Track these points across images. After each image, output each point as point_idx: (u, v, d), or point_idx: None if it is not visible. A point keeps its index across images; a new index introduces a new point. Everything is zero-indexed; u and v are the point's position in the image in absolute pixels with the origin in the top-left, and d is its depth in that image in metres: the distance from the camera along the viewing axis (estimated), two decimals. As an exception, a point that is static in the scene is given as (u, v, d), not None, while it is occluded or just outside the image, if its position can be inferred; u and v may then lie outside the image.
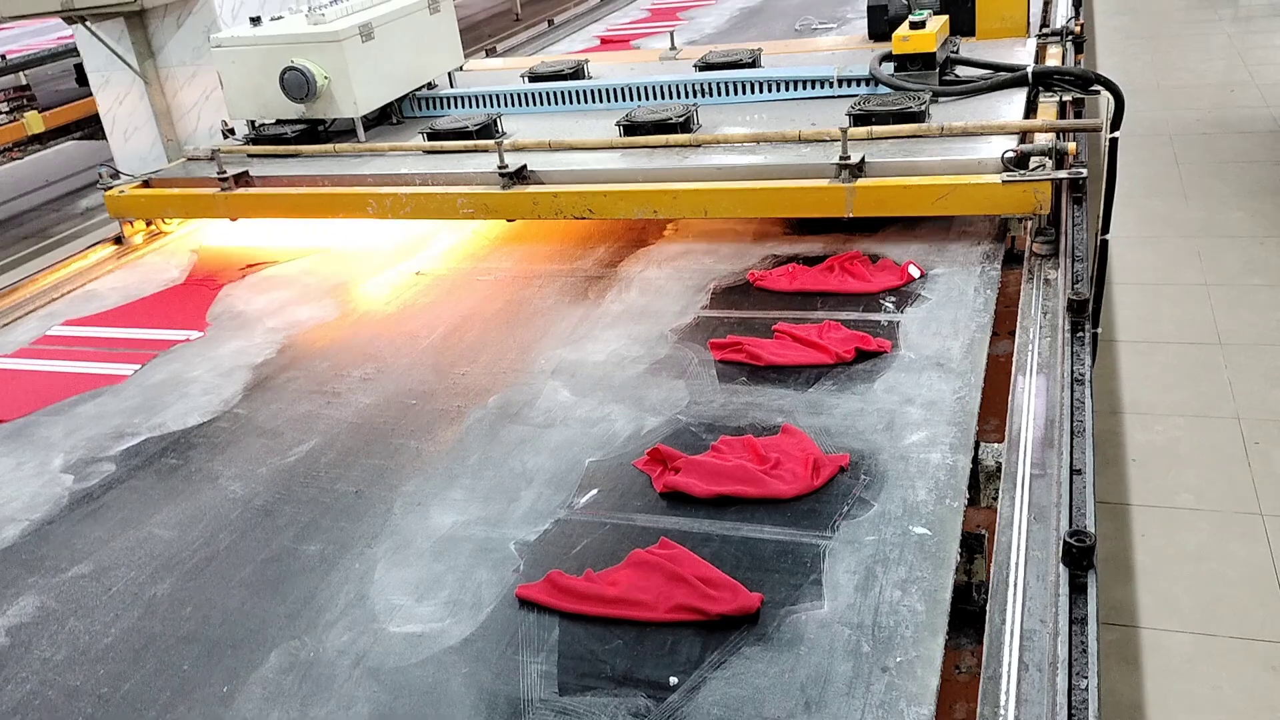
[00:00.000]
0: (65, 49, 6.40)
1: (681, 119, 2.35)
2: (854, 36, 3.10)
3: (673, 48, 3.04)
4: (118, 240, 2.65)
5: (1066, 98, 2.35)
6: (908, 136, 2.16)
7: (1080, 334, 1.62)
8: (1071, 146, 2.00)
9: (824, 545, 1.26)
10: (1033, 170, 1.96)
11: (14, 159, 6.56)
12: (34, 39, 6.89)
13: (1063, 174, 1.94)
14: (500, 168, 2.25)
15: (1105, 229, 2.31)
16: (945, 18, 2.54)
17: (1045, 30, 2.91)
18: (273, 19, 2.68)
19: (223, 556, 1.39)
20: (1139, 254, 4.38)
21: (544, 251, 2.32)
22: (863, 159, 2.06)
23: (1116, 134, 2.21)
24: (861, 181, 2.05)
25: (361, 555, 1.35)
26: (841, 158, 2.05)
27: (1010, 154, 1.97)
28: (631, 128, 2.37)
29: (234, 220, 2.57)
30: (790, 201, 2.13)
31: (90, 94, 5.44)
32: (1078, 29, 2.89)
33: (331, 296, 2.19)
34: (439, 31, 2.80)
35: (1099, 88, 2.28)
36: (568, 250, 2.30)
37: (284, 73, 2.48)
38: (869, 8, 2.85)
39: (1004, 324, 1.78)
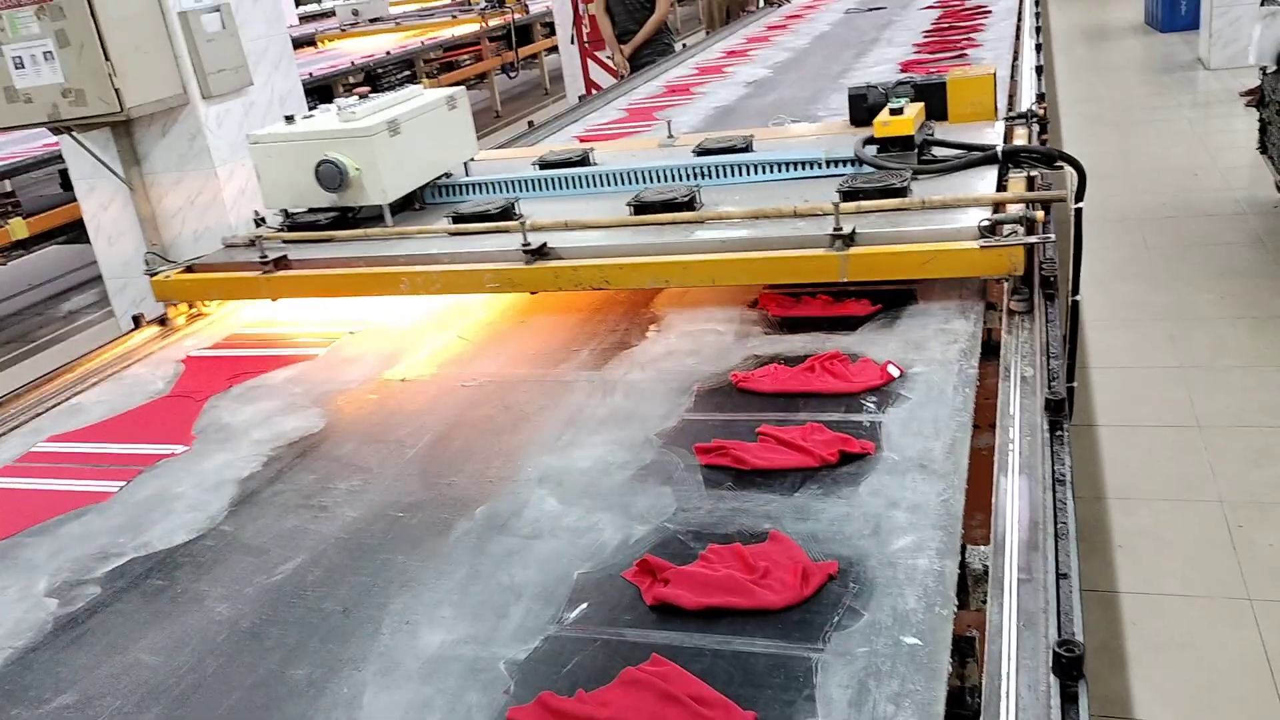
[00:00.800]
0: (50, 156, 6.48)
1: (686, 198, 2.59)
2: (835, 124, 3.31)
3: (670, 135, 3.25)
4: (162, 322, 2.87)
5: (1034, 173, 2.54)
6: (893, 210, 2.36)
7: (1060, 433, 1.65)
8: (1040, 215, 2.18)
9: (816, 658, 1.26)
10: (1006, 236, 2.15)
11: (-3, 265, 6.59)
12: (19, 146, 6.98)
13: (1034, 239, 2.14)
14: (524, 245, 2.47)
15: (1075, 290, 2.52)
16: (921, 104, 2.78)
17: (1011, 114, 3.11)
18: (304, 116, 2.91)
19: (209, 683, 1.37)
20: (1113, 337, 4.45)
21: (527, 355, 2.34)
22: (853, 230, 2.27)
23: (1080, 204, 2.42)
24: (854, 250, 2.25)
25: (350, 679, 1.34)
26: (835, 229, 2.25)
27: (986, 223, 2.17)
28: (641, 207, 2.61)
29: (275, 300, 2.79)
30: (789, 269, 2.32)
31: (74, 199, 5.50)
32: (1041, 112, 3.09)
33: (317, 406, 2.20)
34: (456, 125, 3.08)
35: (1062, 164, 2.49)
36: (552, 354, 2.33)
37: (319, 165, 2.71)
38: (850, 96, 3.07)
39: (983, 416, 1.80)
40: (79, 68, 4.44)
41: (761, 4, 8.92)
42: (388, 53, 10.22)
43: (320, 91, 8.88)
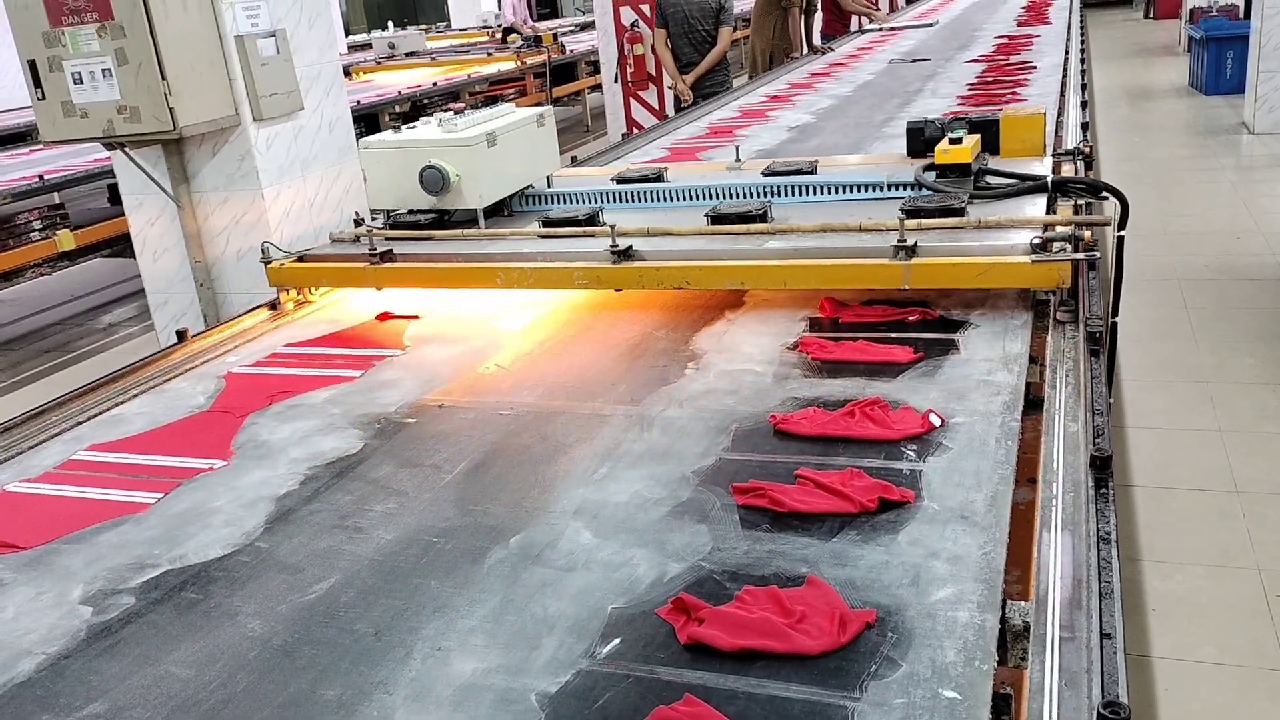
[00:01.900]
0: (101, 170, 6.61)
1: (760, 211, 2.83)
2: (893, 155, 3.51)
3: (738, 160, 3.46)
4: (273, 306, 3.15)
5: (1080, 201, 2.70)
6: (951, 228, 2.56)
7: (1105, 490, 1.62)
8: (1087, 234, 2.39)
9: (852, 707, 1.24)
10: (1056, 253, 2.35)
11: (43, 274, 6.71)
12: (71, 160, 7.13)
13: (1080, 255, 2.34)
14: (612, 247, 2.71)
15: (1115, 313, 2.74)
16: (977, 136, 2.95)
17: (1059, 150, 3.31)
18: (409, 127, 3.19)
19: (240, 699, 1.37)
20: (1152, 397, 4.40)
21: (567, 387, 2.35)
22: (915, 243, 2.46)
23: (1123, 232, 2.63)
24: (915, 260, 2.45)
25: (380, 703, 1.33)
26: (899, 241, 2.45)
27: (1037, 240, 2.38)
28: (718, 218, 2.84)
29: (379, 289, 3.06)
30: (855, 275, 2.54)
31: (121, 213, 5.60)
32: (1087, 150, 3.26)
33: (356, 428, 2.21)
34: (543, 141, 3.35)
35: (1107, 194, 2.68)
36: (589, 387, 2.33)
37: (424, 170, 2.97)
38: (908, 130, 3.25)
39: (1025, 470, 1.78)
40: (136, 85, 4.54)
41: (805, 51, 8.99)
42: (434, 84, 10.37)
43: (366, 119, 9.02)
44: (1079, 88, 4.98)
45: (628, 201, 3.26)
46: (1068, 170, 3.05)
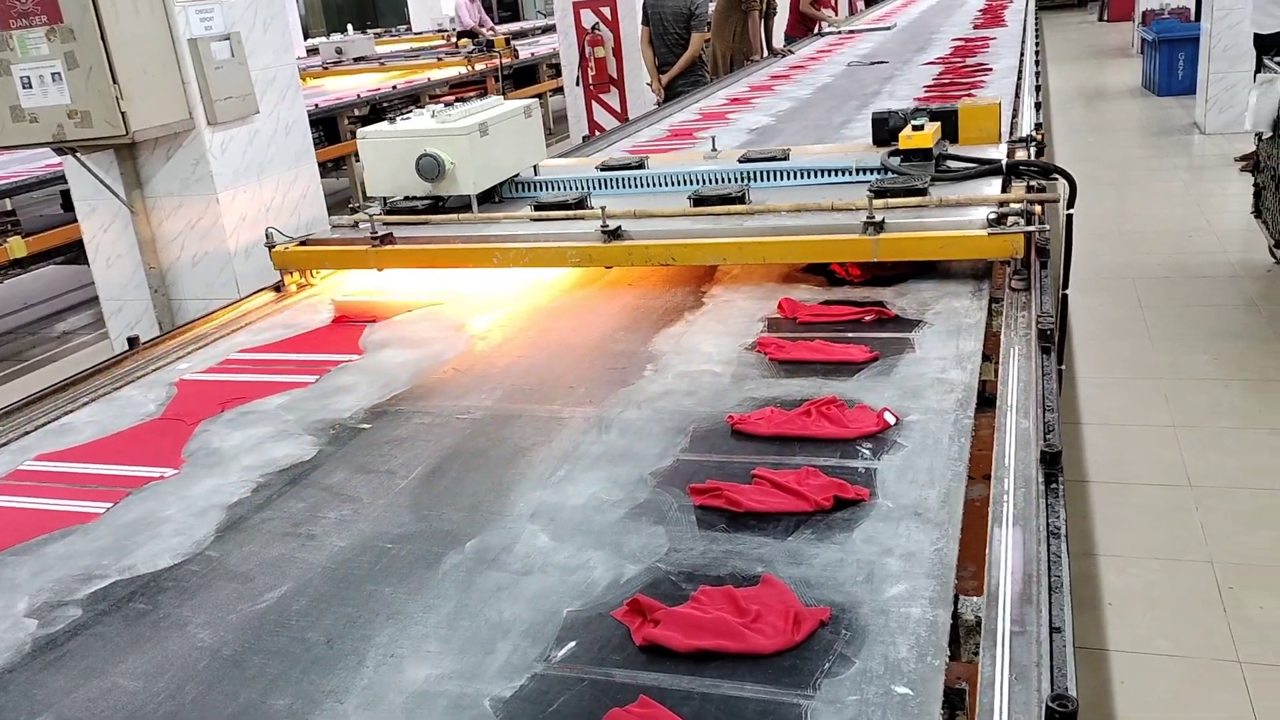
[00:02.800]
0: (53, 176, 6.50)
1: (738, 194, 3.04)
2: (859, 144, 3.70)
3: (714, 150, 3.63)
4: (277, 288, 3.29)
5: (1032, 183, 2.87)
6: (915, 206, 2.78)
7: (1055, 485, 1.64)
8: (1038, 210, 2.61)
9: (806, 705, 1.24)
10: (1010, 226, 2.58)
11: (-7, 282, 6.58)
12: (21, 165, 7.01)
13: (1032, 228, 2.56)
14: (602, 227, 2.90)
15: (1065, 285, 2.98)
16: (938, 124, 3.17)
17: (1013, 138, 3.51)
18: (403, 118, 3.34)
19: (188, 710, 1.35)
20: (1107, 395, 4.46)
21: (525, 390, 2.33)
22: (883, 219, 2.68)
23: (1071, 210, 2.86)
24: (883, 235, 2.67)
25: (332, 712, 1.31)
26: (868, 218, 2.68)
27: (993, 215, 2.62)
28: (699, 200, 3.06)
29: (380, 270, 3.23)
30: (829, 250, 2.78)
31: (74, 219, 5.51)
32: (1039, 137, 3.54)
33: (309, 434, 2.19)
34: (531, 132, 3.52)
35: (1057, 175, 2.88)
36: (548, 390, 2.32)
37: (420, 158, 3.13)
38: (874, 119, 3.42)
39: (978, 467, 1.80)
40: (86, 90, 4.47)
41: (765, 54, 9.03)
42: (394, 87, 10.31)
43: (325, 123, 8.95)
44: (1034, 89, 5.04)
45: (612, 188, 3.44)
46: (1021, 155, 3.24)
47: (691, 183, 3.29)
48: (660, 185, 3.40)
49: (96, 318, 6.43)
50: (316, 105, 8.78)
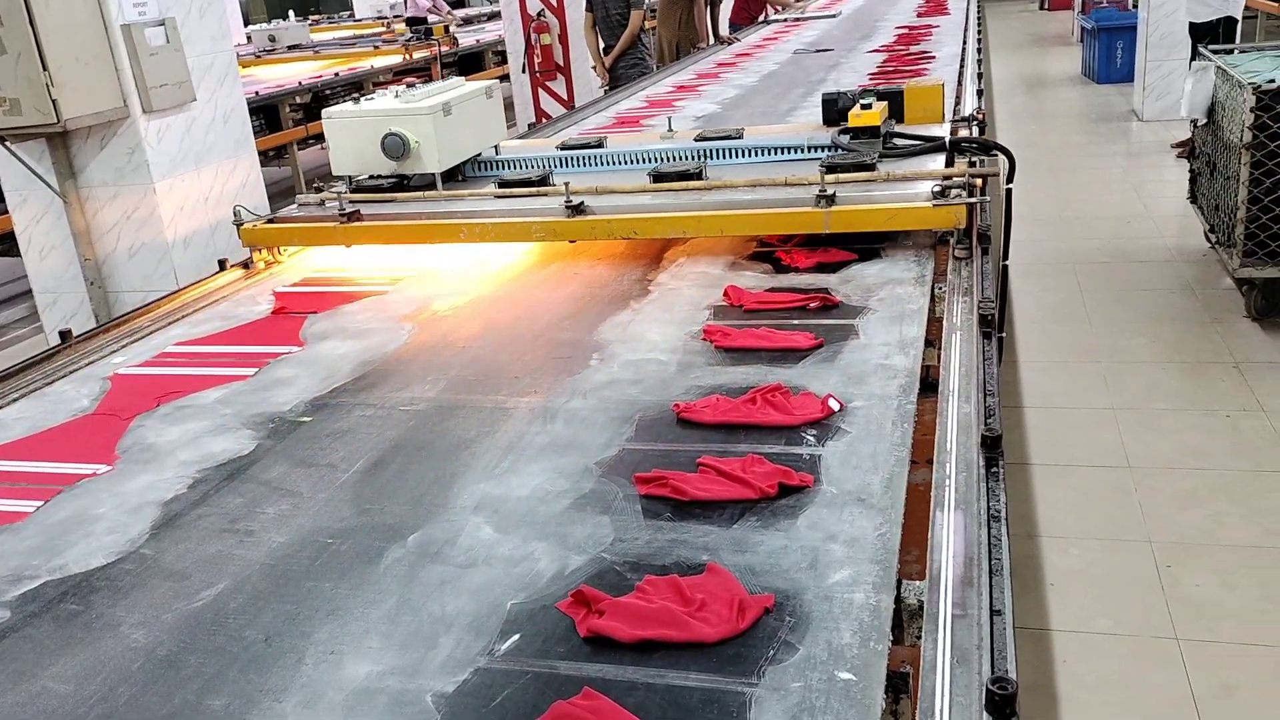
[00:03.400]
0: (-18, 166, 6.29)
1: (696, 170, 3.16)
2: (810, 124, 3.77)
3: (670, 130, 3.69)
4: (245, 265, 3.34)
5: (973, 159, 2.99)
6: (864, 180, 2.93)
7: (995, 469, 1.66)
8: (979, 183, 2.78)
9: (750, 693, 1.24)
10: (953, 198, 2.71)
11: (-79, 275, 6.38)
12: (-50, 155, 6.77)
13: (974, 199, 2.71)
14: (566, 203, 3.00)
15: (1005, 256, 3.11)
16: (885, 103, 3.32)
17: (956, 117, 3.71)
18: (367, 99, 3.46)
19: (121, 713, 1.31)
20: (1048, 378, 4.53)
21: (469, 381, 2.31)
22: (834, 193, 2.81)
23: (1010, 185, 3.06)
24: (834, 208, 2.79)
25: (270, 711, 1.29)
26: (820, 192, 2.81)
27: (937, 188, 2.76)
28: (659, 176, 3.17)
29: (348, 246, 3.30)
30: (783, 222, 2.90)
31: (5, 211, 5.36)
32: (980, 115, 3.73)
33: (248, 428, 2.14)
34: (492, 112, 3.62)
35: (997, 151, 3.04)
36: (492, 380, 2.30)
37: (385, 137, 3.22)
38: (823, 100, 3.53)
39: (921, 451, 1.81)
40: (15, 77, 4.34)
41: (712, 41, 9.03)
42: (336, 74, 10.15)
43: (266, 111, 8.78)
44: (975, 76, 5.09)
45: (572, 166, 3.52)
46: (963, 133, 3.35)
47: (649, 161, 3.40)
48: (619, 164, 3.48)
49: (31, 311, 6.26)
50: (257, 93, 8.61)
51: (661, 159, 3.40)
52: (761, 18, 10.51)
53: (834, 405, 1.98)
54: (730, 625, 1.36)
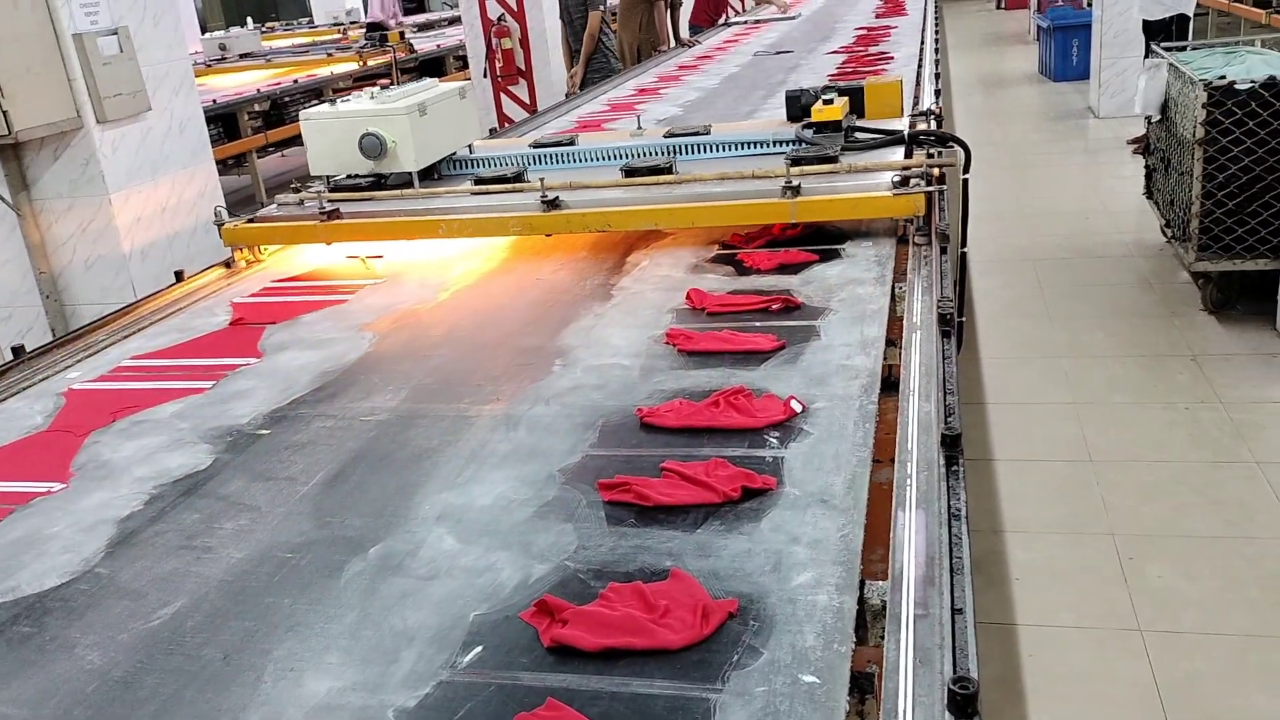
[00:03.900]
0: (-68, 179, 6.17)
1: (667, 165, 3.29)
2: (774, 120, 3.91)
3: (639, 128, 3.84)
4: (227, 264, 3.41)
5: (932, 150, 3.16)
6: (828, 172, 3.04)
7: (956, 468, 1.67)
8: (936, 172, 2.89)
9: (714, 699, 1.23)
10: (912, 187, 2.84)
11: None
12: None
13: (932, 188, 2.84)
14: (542, 198, 3.11)
15: (964, 243, 3.29)
16: (846, 99, 3.46)
17: (915, 111, 3.86)
18: (343, 101, 3.49)
19: (75, 737, 1.29)
20: (1010, 374, 4.57)
21: (430, 390, 2.29)
22: (799, 184, 2.94)
23: (967, 175, 3.18)
24: (800, 199, 2.92)
25: (228, 730, 1.27)
26: (786, 184, 2.94)
27: (897, 178, 2.87)
28: (630, 172, 3.29)
29: (329, 244, 3.38)
30: (752, 213, 3.02)
31: (-43, 225, 5.24)
32: (938, 110, 3.91)
33: (205, 442, 2.11)
34: (466, 112, 3.70)
35: (954, 144, 3.17)
36: (454, 389, 2.28)
37: (363, 137, 3.28)
38: (787, 97, 3.67)
39: (883, 451, 1.82)
40: (-38, 88, 4.26)
41: (673, 44, 9.05)
42: (295, 81, 10.06)
43: (224, 119, 8.69)
44: (934, 76, 5.13)
45: (545, 163, 3.61)
46: (922, 127, 3.49)
47: (620, 158, 3.49)
48: (591, 161, 3.58)
49: (-15, 326, 6.14)
50: (215, 101, 8.52)
51: (632, 155, 3.48)
52: (722, 19, 10.54)
53: (796, 407, 1.99)
54: (694, 631, 1.36)
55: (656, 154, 3.45)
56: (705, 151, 3.50)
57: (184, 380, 2.45)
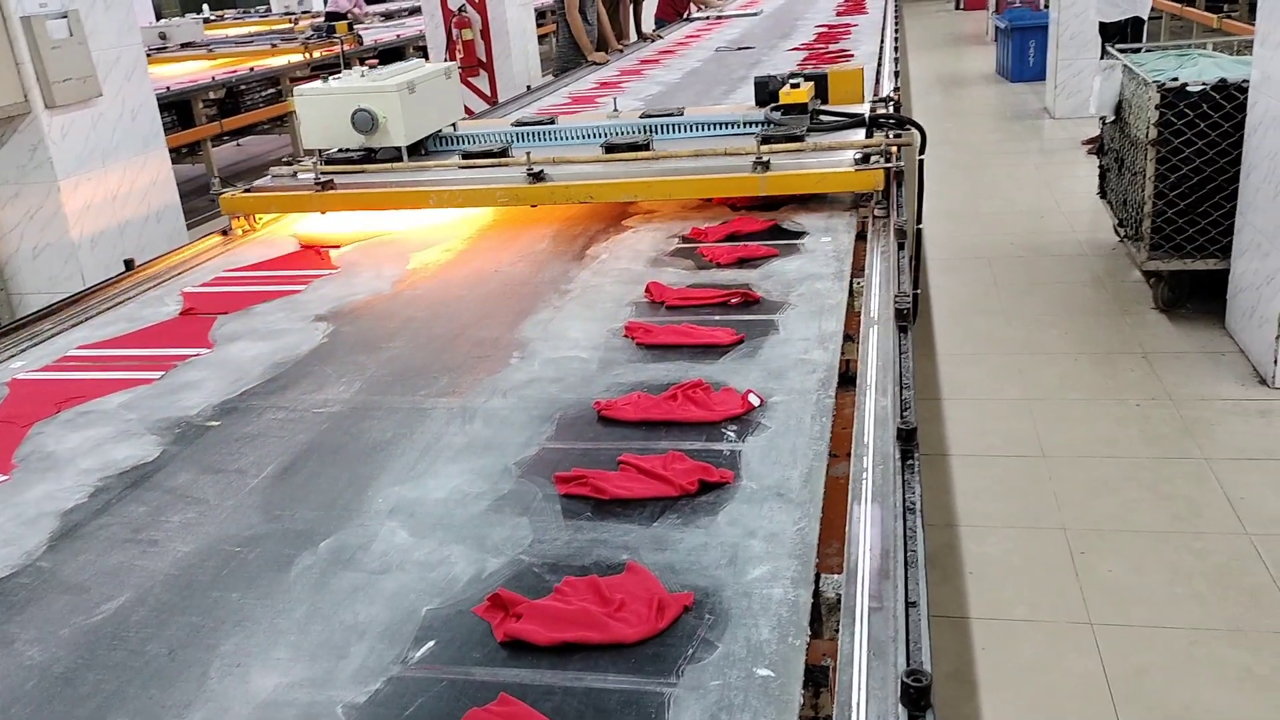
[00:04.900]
0: (-128, 163, 6.00)
1: (645, 142, 3.52)
2: (743, 105, 4.17)
3: (615, 110, 4.06)
4: (224, 232, 3.59)
5: (890, 133, 3.36)
6: (795, 150, 3.29)
7: (911, 461, 1.67)
8: (894, 151, 3.15)
9: (669, 693, 1.23)
10: (873, 163, 3.08)
11: None
12: None
13: (891, 165, 3.07)
14: (528, 171, 3.32)
15: (919, 220, 3.53)
16: (812, 84, 3.72)
17: (875, 98, 4.07)
18: (335, 78, 3.67)
19: (12, 735, 1.25)
20: (966, 370, 4.61)
21: (385, 381, 2.26)
22: (769, 160, 3.18)
23: (923, 156, 3.36)
24: (769, 173, 3.15)
25: (172, 727, 1.24)
26: (757, 160, 3.17)
27: (859, 155, 3.13)
28: (610, 148, 3.51)
29: (324, 213, 3.58)
30: (724, 186, 3.25)
31: (-101, 211, 5.10)
32: (896, 96, 4.17)
33: (153, 434, 2.07)
34: (451, 92, 3.91)
35: (911, 126, 3.36)
36: (410, 380, 2.25)
37: (355, 113, 3.49)
38: (755, 83, 3.89)
39: (840, 445, 1.82)
40: (-97, 69, 4.14)
41: (634, 38, 9.02)
42: (251, 69, 9.91)
43: (178, 106, 8.53)
44: (893, 75, 5.16)
45: (527, 141, 3.80)
46: (881, 111, 3.68)
47: (599, 136, 3.68)
48: (571, 139, 3.78)
49: (-73, 315, 5.99)
50: (169, 88, 8.37)
51: (610, 134, 3.67)
52: (686, 15, 10.53)
53: (754, 400, 1.98)
54: (649, 625, 1.35)
55: (633, 133, 3.63)
56: (679, 131, 3.71)
57: (132, 370, 2.40)
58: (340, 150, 3.69)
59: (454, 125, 3.92)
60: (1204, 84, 4.64)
